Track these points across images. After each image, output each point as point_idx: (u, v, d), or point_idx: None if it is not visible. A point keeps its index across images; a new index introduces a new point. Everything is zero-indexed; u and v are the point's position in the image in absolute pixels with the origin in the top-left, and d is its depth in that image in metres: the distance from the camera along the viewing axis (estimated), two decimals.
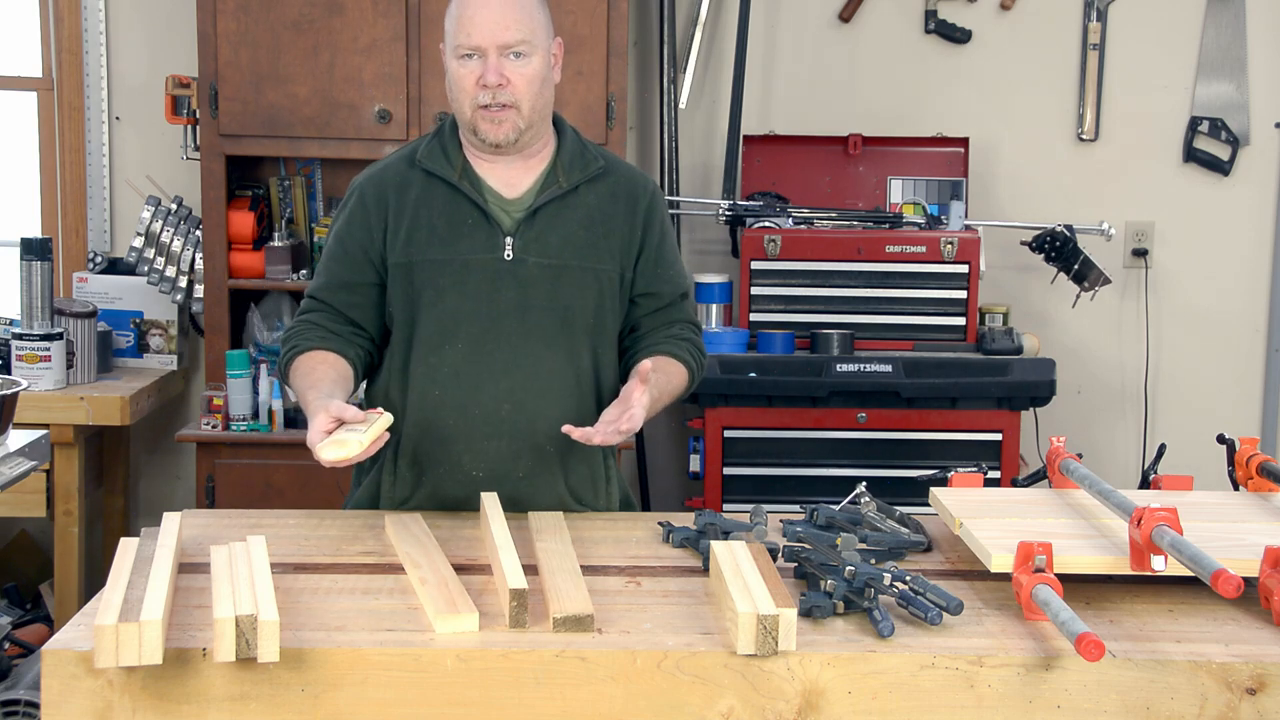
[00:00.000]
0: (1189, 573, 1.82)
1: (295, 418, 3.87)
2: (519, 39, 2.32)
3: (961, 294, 3.79)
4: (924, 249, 3.78)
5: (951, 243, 3.77)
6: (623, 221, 2.46)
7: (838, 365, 3.65)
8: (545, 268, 2.39)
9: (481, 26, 2.31)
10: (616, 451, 2.57)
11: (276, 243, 4.02)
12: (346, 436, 2.09)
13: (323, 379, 2.30)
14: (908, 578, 1.91)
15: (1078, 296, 3.99)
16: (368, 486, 2.48)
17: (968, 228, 3.84)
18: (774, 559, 2.07)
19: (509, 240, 2.39)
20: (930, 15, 4.23)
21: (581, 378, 2.43)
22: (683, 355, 2.48)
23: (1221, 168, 4.26)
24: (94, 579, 3.93)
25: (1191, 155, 4.27)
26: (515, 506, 2.34)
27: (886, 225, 3.86)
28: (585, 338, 2.43)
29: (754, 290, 3.80)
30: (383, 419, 2.16)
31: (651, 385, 2.30)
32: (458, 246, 2.38)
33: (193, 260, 4.02)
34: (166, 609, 1.78)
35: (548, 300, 2.39)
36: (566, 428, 2.26)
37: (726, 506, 3.68)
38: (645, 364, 2.28)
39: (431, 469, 2.42)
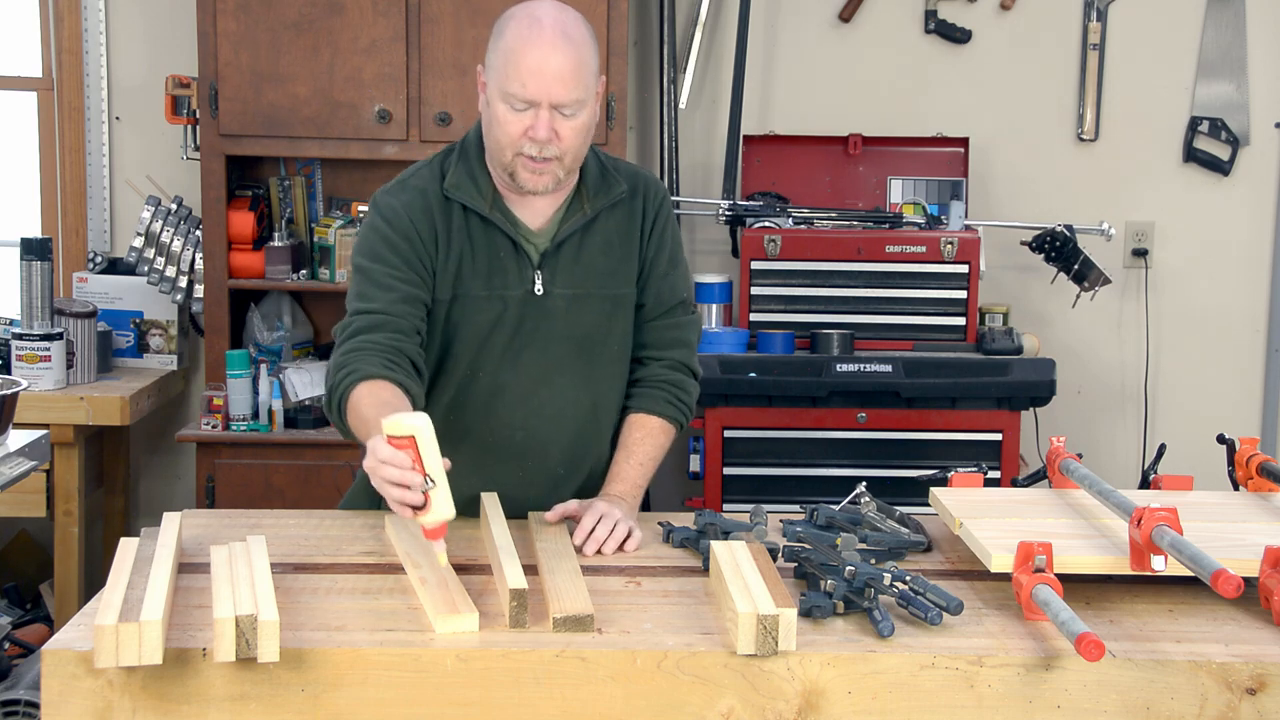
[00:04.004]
0: (1189, 573, 1.82)
1: (295, 418, 3.88)
2: (575, 98, 2.22)
3: (961, 294, 3.79)
4: (924, 249, 3.78)
5: (951, 243, 3.77)
6: (637, 243, 2.42)
7: (838, 365, 3.65)
8: (569, 298, 2.36)
9: (541, 82, 2.20)
10: None
11: (276, 243, 4.02)
12: (434, 497, 1.92)
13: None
14: (908, 578, 1.91)
15: (1078, 296, 3.99)
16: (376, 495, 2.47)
17: (968, 228, 3.84)
18: (774, 559, 2.07)
19: (538, 275, 2.34)
20: (930, 15, 4.23)
21: (597, 401, 2.42)
22: (667, 412, 2.45)
23: (1221, 168, 4.26)
24: (94, 579, 3.93)
25: (1191, 155, 4.27)
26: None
27: (886, 225, 3.86)
28: (602, 363, 2.41)
29: (754, 290, 3.80)
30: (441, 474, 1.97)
31: (638, 463, 2.39)
32: (492, 282, 2.33)
33: (193, 260, 4.01)
34: (166, 609, 1.79)
35: (568, 329, 2.36)
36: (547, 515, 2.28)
37: (726, 506, 3.68)
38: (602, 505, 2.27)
39: None
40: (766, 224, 3.86)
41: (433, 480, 1.89)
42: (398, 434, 1.91)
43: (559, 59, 2.20)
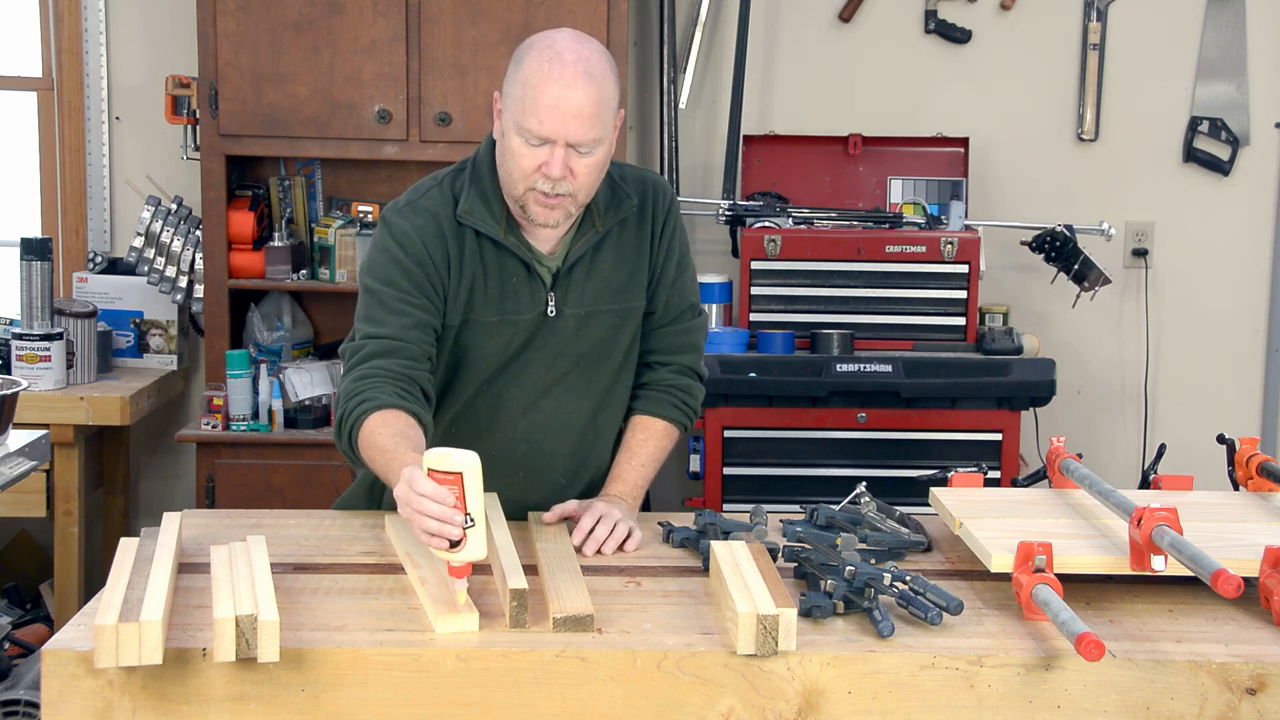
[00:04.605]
0: (1189, 573, 1.82)
1: (295, 418, 3.88)
2: (592, 138, 2.17)
3: (961, 294, 3.79)
4: (924, 249, 3.78)
5: (951, 243, 3.77)
6: (647, 253, 2.40)
7: (838, 365, 3.65)
8: (580, 316, 2.34)
9: (558, 120, 2.14)
10: None
11: (276, 243, 4.02)
12: (471, 536, 1.90)
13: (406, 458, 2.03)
14: (908, 578, 1.91)
15: (1078, 296, 3.99)
16: (376, 496, 2.47)
17: (968, 228, 3.84)
18: (774, 559, 2.07)
19: (551, 296, 2.32)
20: (930, 15, 4.23)
21: (600, 411, 2.41)
22: (672, 415, 2.45)
23: (1221, 168, 4.26)
24: (94, 579, 3.93)
25: (1191, 155, 4.27)
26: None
27: (886, 225, 3.86)
28: (606, 374, 2.40)
29: (754, 290, 3.80)
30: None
31: (640, 465, 2.39)
32: (504, 306, 2.30)
33: (193, 260, 4.01)
34: (166, 609, 1.79)
35: (576, 345, 2.35)
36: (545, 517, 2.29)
37: (726, 506, 3.68)
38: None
39: None
40: (766, 224, 3.86)
41: (473, 520, 1.87)
42: (442, 469, 1.87)
43: (579, 97, 2.14)
